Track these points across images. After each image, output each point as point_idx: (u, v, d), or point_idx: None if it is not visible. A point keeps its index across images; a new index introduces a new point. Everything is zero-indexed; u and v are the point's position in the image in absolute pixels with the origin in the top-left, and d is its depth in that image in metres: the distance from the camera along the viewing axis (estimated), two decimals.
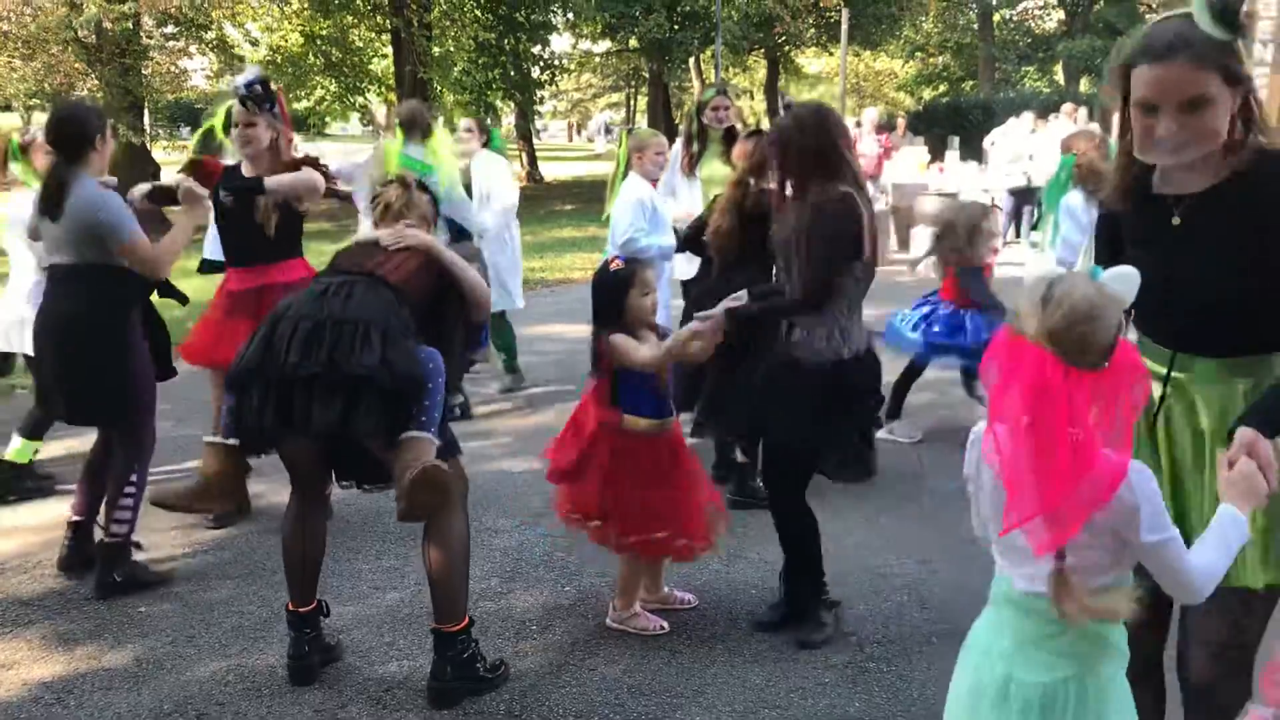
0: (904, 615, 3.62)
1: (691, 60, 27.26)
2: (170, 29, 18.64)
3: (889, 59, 38.45)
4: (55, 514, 4.47)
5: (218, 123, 4.51)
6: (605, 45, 29.67)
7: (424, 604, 3.31)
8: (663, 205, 5.17)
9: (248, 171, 4.29)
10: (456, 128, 6.78)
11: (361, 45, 22.55)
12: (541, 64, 23.81)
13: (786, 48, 28.79)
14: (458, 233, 5.81)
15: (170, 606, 3.76)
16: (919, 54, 35.59)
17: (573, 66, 29.83)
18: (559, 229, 16.38)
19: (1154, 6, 29.52)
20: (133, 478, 3.85)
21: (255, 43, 21.33)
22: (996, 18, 33.06)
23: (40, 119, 4.64)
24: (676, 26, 23.48)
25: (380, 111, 28.61)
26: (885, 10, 26.18)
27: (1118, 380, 1.71)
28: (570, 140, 57.40)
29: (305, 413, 2.76)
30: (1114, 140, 2.26)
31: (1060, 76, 32.08)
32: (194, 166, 4.33)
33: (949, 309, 5.41)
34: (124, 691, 3.18)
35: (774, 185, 3.45)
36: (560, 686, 3.17)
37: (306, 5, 20.39)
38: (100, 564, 3.85)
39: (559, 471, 3.47)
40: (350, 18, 21.16)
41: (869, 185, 4.18)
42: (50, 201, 3.74)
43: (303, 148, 4.70)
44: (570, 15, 23.61)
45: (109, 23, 15.75)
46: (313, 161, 4.44)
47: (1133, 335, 2.12)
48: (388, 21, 20.48)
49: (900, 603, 3.72)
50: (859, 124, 13.59)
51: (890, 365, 3.87)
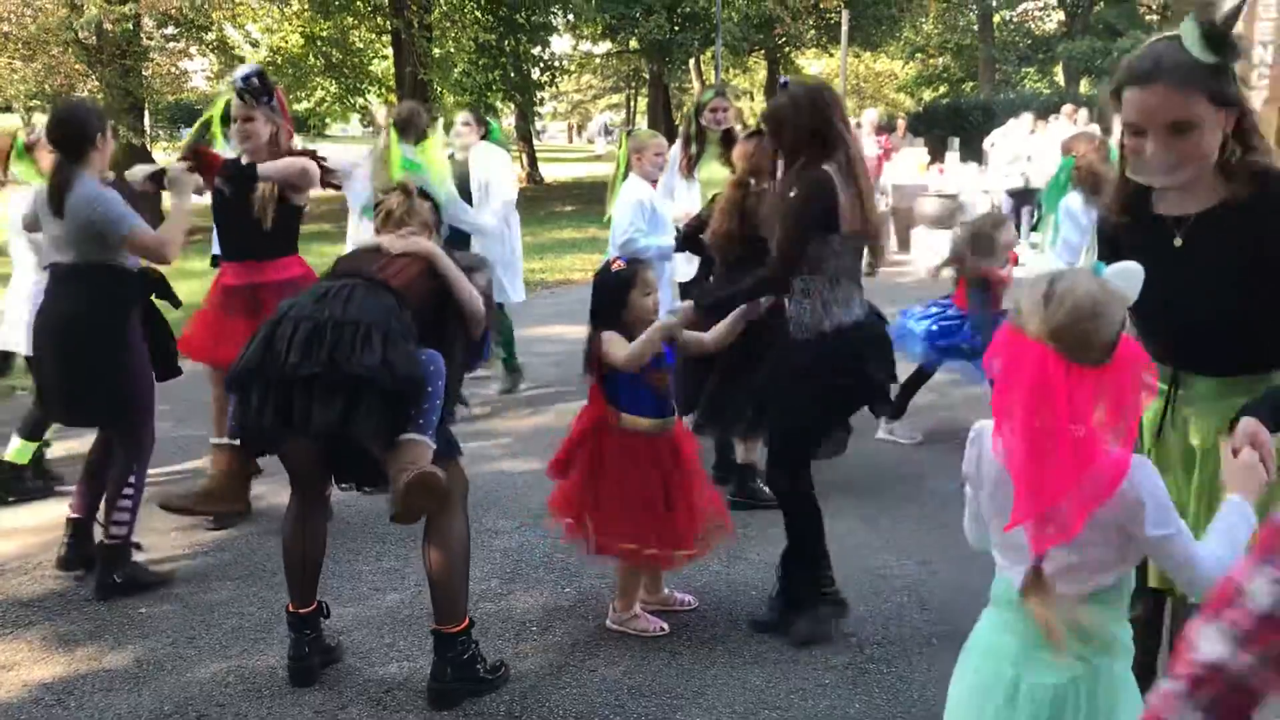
0: (904, 616, 3.62)
1: (692, 61, 27.26)
2: (170, 30, 18.67)
3: (889, 60, 38.46)
4: (55, 515, 4.47)
5: (216, 112, 4.51)
6: (605, 46, 29.69)
7: (424, 605, 3.31)
8: (662, 206, 5.17)
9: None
10: (454, 123, 6.77)
11: (362, 46, 22.57)
12: (542, 65, 23.82)
13: (787, 49, 28.78)
14: (453, 234, 5.78)
15: (171, 608, 3.76)
16: (919, 55, 35.60)
17: (573, 68, 29.83)
18: (559, 230, 16.38)
19: (1154, 7, 29.58)
20: (131, 479, 3.85)
21: (255, 44, 21.35)
22: (996, 19, 33.07)
23: (41, 120, 4.66)
24: (677, 28, 23.48)
25: (380, 113, 28.58)
26: (885, 11, 26.18)
27: (1121, 376, 1.71)
28: (570, 141, 57.41)
29: (305, 413, 2.77)
30: (1114, 143, 2.27)
31: (1060, 78, 32.08)
32: (195, 156, 4.33)
33: (958, 315, 5.40)
34: (124, 692, 3.18)
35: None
36: (560, 688, 3.17)
37: (307, 6, 20.40)
38: (100, 565, 3.85)
39: (552, 465, 3.51)
40: (350, 19, 21.18)
41: None
42: (54, 200, 3.76)
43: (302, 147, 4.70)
44: (570, 16, 23.61)
45: (109, 24, 15.77)
46: (310, 153, 4.45)
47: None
48: (388, 23, 20.49)
49: (900, 604, 3.72)
50: (858, 125, 13.58)
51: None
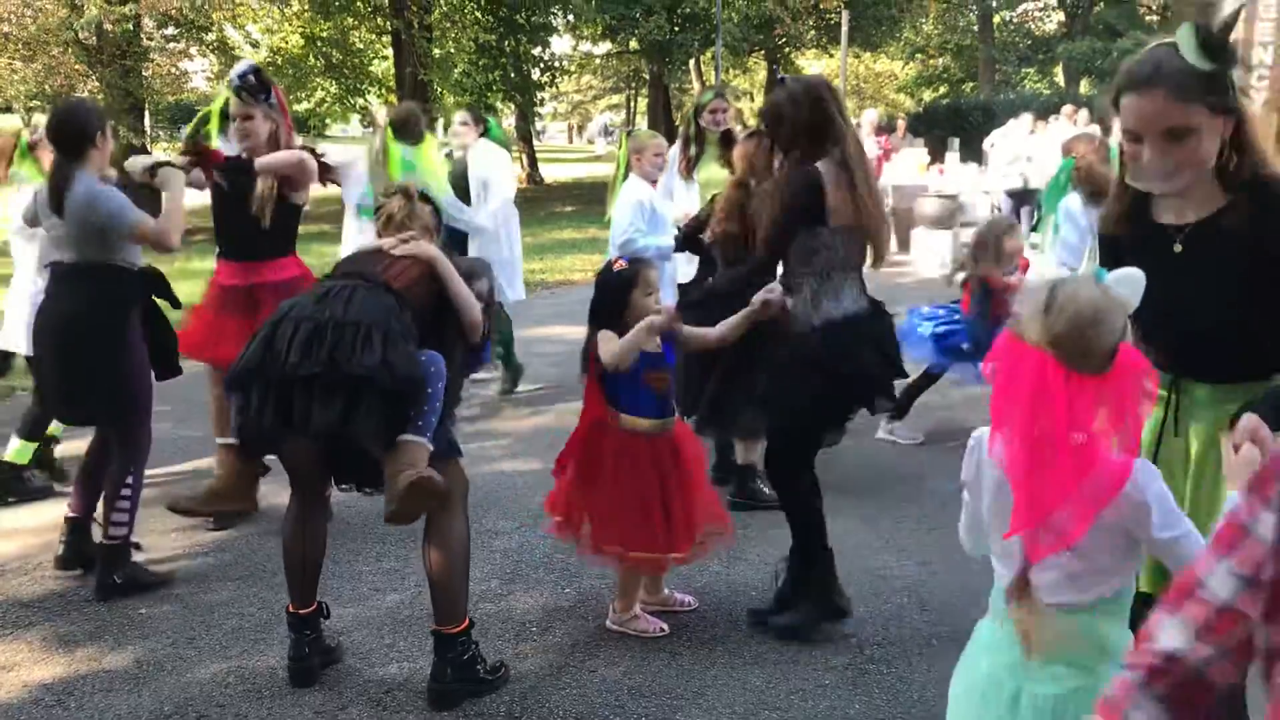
0: (904, 617, 3.62)
1: (692, 62, 27.26)
2: (171, 31, 18.71)
3: (889, 61, 38.46)
4: (55, 515, 4.45)
5: (215, 108, 4.51)
6: (605, 47, 29.69)
7: (424, 606, 3.31)
8: (662, 206, 5.18)
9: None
10: (452, 122, 6.75)
11: (362, 47, 22.58)
12: (542, 66, 23.84)
13: (787, 49, 28.78)
14: (449, 234, 5.76)
15: (171, 608, 3.76)
16: (919, 56, 35.61)
17: (573, 68, 29.83)
18: (559, 231, 16.39)
19: (1154, 8, 29.58)
20: (129, 479, 3.84)
21: (256, 44, 21.36)
22: (996, 19, 33.08)
23: (42, 120, 4.66)
24: (677, 28, 23.49)
25: (381, 113, 28.57)
26: (885, 12, 26.20)
27: (1122, 383, 1.71)
28: (570, 142, 57.42)
29: (305, 413, 2.77)
30: (1114, 144, 2.27)
31: (1060, 78, 32.09)
32: (195, 151, 4.32)
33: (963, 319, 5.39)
34: (124, 693, 3.18)
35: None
36: (560, 688, 3.17)
37: (307, 7, 20.41)
38: (100, 566, 3.85)
39: (558, 465, 3.53)
40: (351, 19, 21.19)
41: None
42: (53, 198, 3.77)
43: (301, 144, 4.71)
44: (570, 17, 23.62)
45: (109, 24, 15.80)
46: (308, 150, 4.46)
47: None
48: (388, 23, 20.50)
49: (900, 604, 3.72)
50: (858, 125, 13.59)
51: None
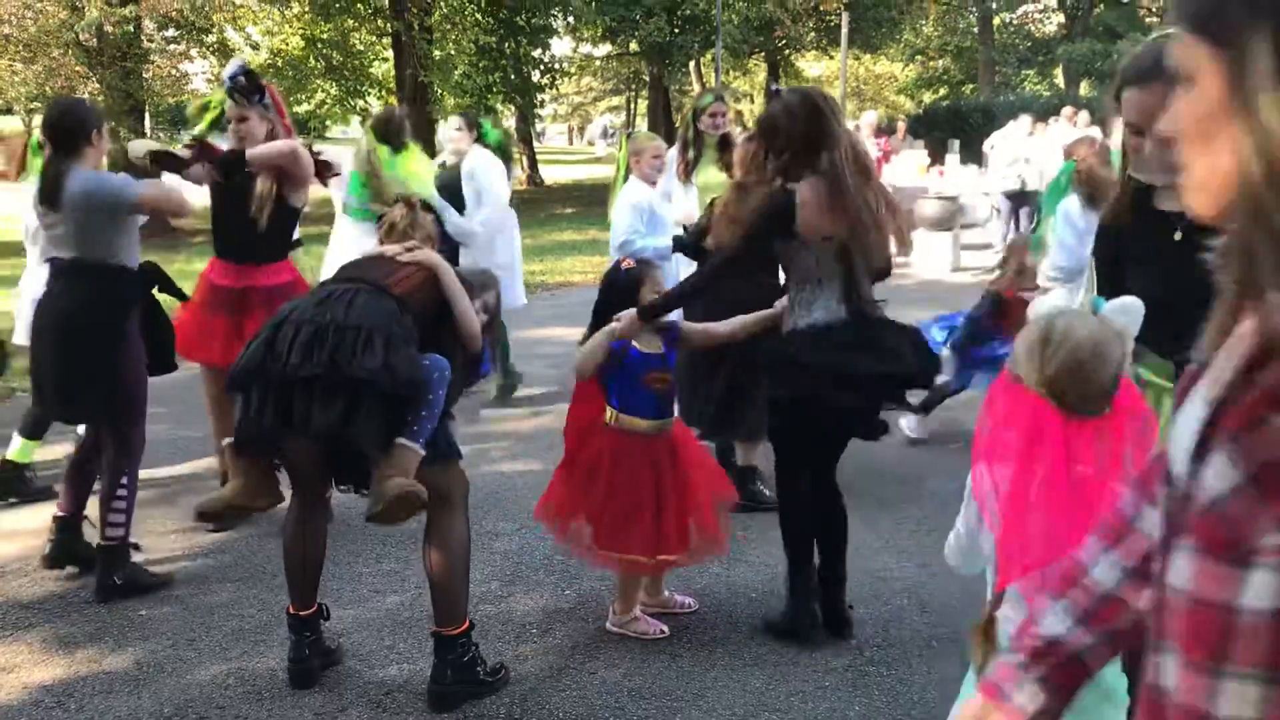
0: (904, 619, 3.62)
1: (692, 64, 27.27)
2: (171, 32, 18.72)
3: (889, 62, 38.48)
4: None
5: (214, 100, 4.53)
6: (605, 49, 29.71)
7: (424, 607, 3.31)
8: (661, 207, 5.19)
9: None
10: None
11: (362, 49, 22.58)
12: (542, 68, 23.84)
13: (787, 51, 28.81)
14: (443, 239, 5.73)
15: (170, 610, 3.76)
16: (919, 57, 35.64)
17: (573, 70, 29.85)
18: (559, 232, 16.39)
19: (1154, 9, 29.59)
20: (124, 479, 3.84)
21: (256, 46, 21.37)
22: (996, 21, 33.11)
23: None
24: (677, 30, 23.50)
25: (404, 116, 28.54)
26: (885, 14, 26.22)
27: (1121, 424, 1.67)
28: (570, 143, 57.46)
29: (305, 414, 2.78)
30: (1114, 146, 2.28)
31: (1060, 80, 32.12)
32: (198, 147, 4.33)
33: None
34: (124, 695, 3.18)
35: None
36: (560, 690, 3.17)
37: (307, 9, 20.41)
38: (100, 567, 3.85)
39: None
40: (351, 21, 21.18)
41: None
42: (49, 194, 3.76)
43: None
44: (571, 19, 23.63)
45: (110, 26, 15.81)
46: (306, 146, 4.46)
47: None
48: (388, 25, 20.50)
49: (900, 606, 3.72)
50: (857, 127, 13.61)
51: None
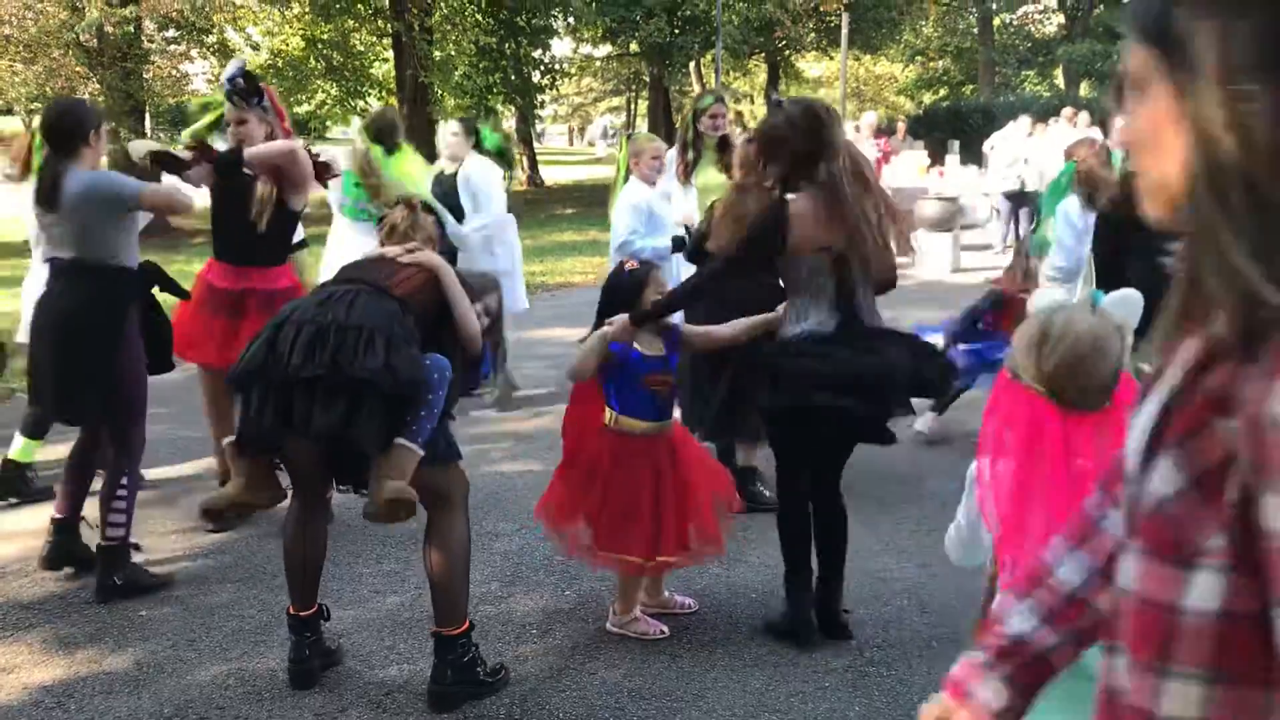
0: (904, 619, 3.62)
1: (692, 64, 27.29)
2: (171, 33, 18.70)
3: (889, 63, 38.50)
4: None
5: (214, 114, 4.53)
6: (606, 49, 29.72)
7: (424, 608, 3.31)
8: (660, 208, 5.20)
9: (249, 170, 4.29)
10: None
11: (362, 49, 22.58)
12: (542, 68, 23.84)
13: (787, 52, 28.82)
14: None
15: (171, 610, 3.76)
16: (919, 58, 35.65)
17: (573, 71, 29.86)
18: (559, 233, 16.39)
19: None
20: (124, 479, 3.84)
21: (256, 47, 21.37)
22: (996, 22, 33.10)
23: None
24: (677, 31, 23.52)
25: (397, 117, 28.53)
26: (885, 15, 26.24)
27: (1121, 419, 1.63)
28: (571, 144, 57.49)
29: (306, 415, 2.78)
30: (1115, 146, 2.28)
31: (1060, 81, 32.11)
32: (199, 148, 4.33)
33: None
34: (124, 695, 3.18)
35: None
36: (560, 690, 3.17)
37: (307, 9, 20.41)
38: (100, 567, 3.85)
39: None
40: (351, 22, 21.19)
41: None
42: (46, 194, 3.76)
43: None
44: (571, 20, 23.65)
45: (110, 26, 15.80)
46: (304, 149, 4.47)
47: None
48: (389, 26, 20.50)
49: (900, 607, 3.72)
50: (857, 129, 13.61)
51: None
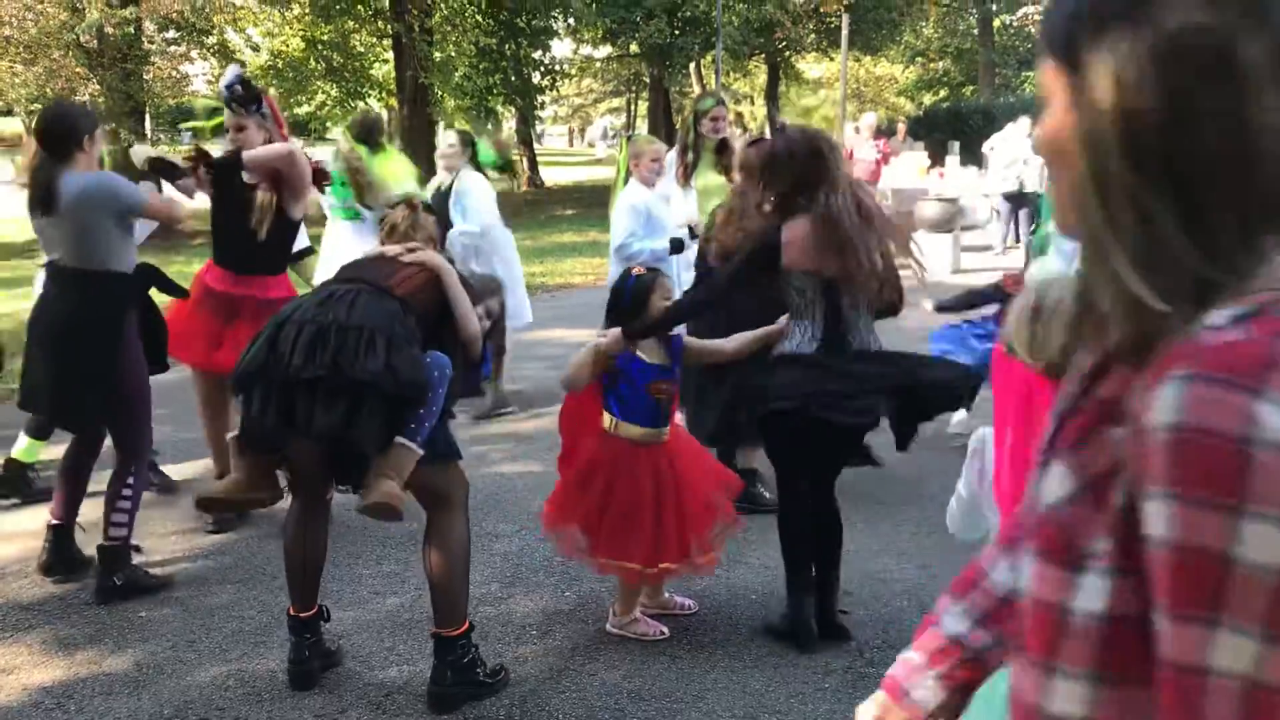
0: (904, 620, 3.62)
1: (692, 65, 27.30)
2: (171, 34, 18.72)
3: (889, 64, 38.50)
4: None
5: (219, 119, 4.54)
6: (606, 50, 29.74)
7: (424, 609, 3.31)
8: (659, 209, 5.20)
9: (249, 177, 4.29)
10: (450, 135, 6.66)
11: (363, 50, 22.59)
12: (542, 69, 23.86)
13: (787, 53, 28.82)
14: None
15: (170, 611, 3.76)
16: (919, 59, 35.67)
17: (574, 72, 29.88)
18: (559, 234, 16.40)
19: None
20: (130, 479, 3.85)
21: (256, 48, 21.40)
22: (997, 23, 33.11)
23: None
24: (677, 32, 23.53)
25: (381, 117, 28.53)
26: (886, 16, 26.23)
27: None
28: (571, 145, 57.55)
29: (308, 416, 2.78)
30: None
31: None
32: (199, 156, 4.34)
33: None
34: (124, 696, 3.18)
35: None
36: (560, 691, 3.17)
37: (308, 10, 20.42)
38: (100, 567, 3.84)
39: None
40: (351, 23, 21.20)
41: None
42: (40, 198, 3.76)
43: None
44: (571, 21, 23.66)
45: (110, 27, 15.81)
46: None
47: None
48: (389, 27, 20.52)
49: (900, 608, 3.72)
50: (857, 130, 13.61)
51: None
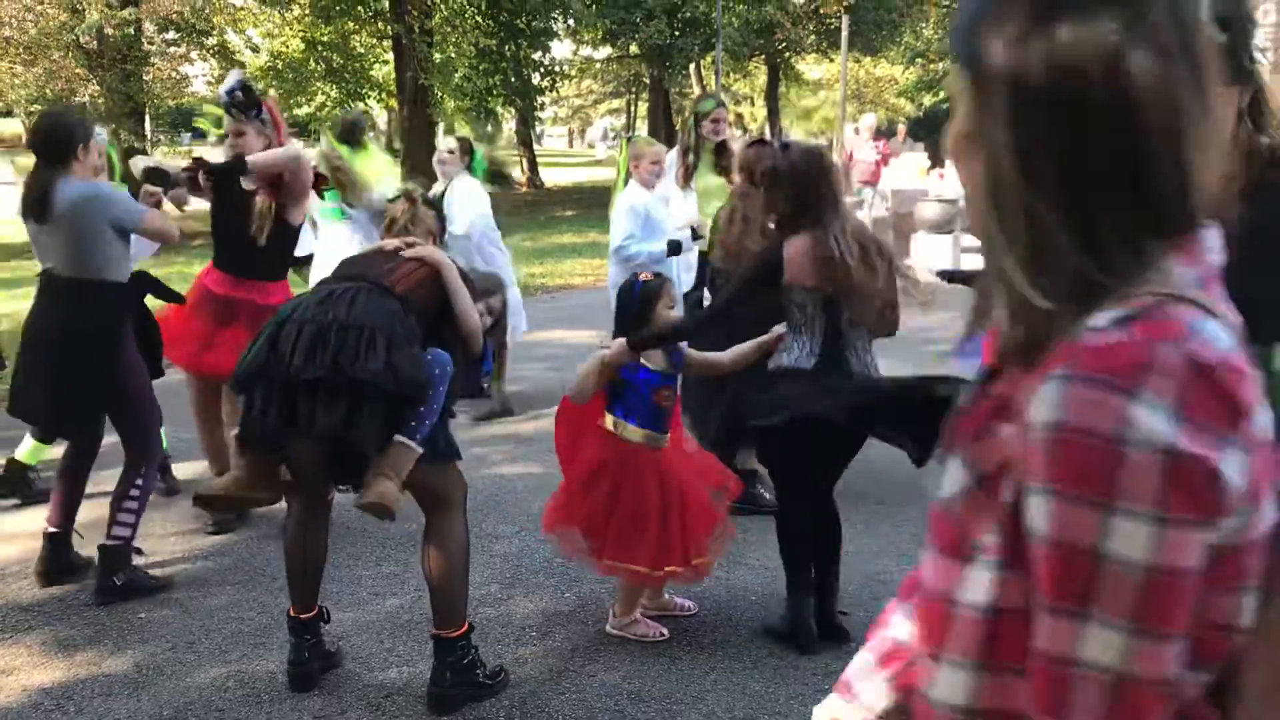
0: None
1: (692, 66, 27.30)
2: (171, 35, 18.76)
3: (890, 65, 38.45)
4: None
5: (215, 112, 4.56)
6: (606, 51, 29.74)
7: (424, 610, 3.31)
8: (658, 211, 5.20)
9: (248, 183, 4.28)
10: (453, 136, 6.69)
11: (363, 51, 22.62)
12: (542, 70, 23.87)
13: (787, 54, 28.81)
14: None
15: (170, 612, 3.76)
16: (919, 60, 35.61)
17: (573, 73, 29.89)
18: (559, 235, 16.41)
19: None
20: (139, 481, 3.86)
21: (256, 49, 21.43)
22: None
23: None
24: (677, 33, 23.53)
25: (381, 118, 28.60)
26: (886, 17, 26.21)
27: None
28: (570, 146, 57.57)
29: (309, 416, 2.78)
30: None
31: None
32: (199, 164, 4.35)
33: None
34: (124, 697, 3.18)
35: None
36: (560, 693, 3.17)
37: (308, 11, 20.44)
38: (100, 568, 3.84)
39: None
40: (351, 24, 21.22)
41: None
42: (34, 205, 3.75)
43: None
44: (571, 21, 23.68)
45: (110, 28, 15.84)
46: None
47: None
48: (389, 28, 20.53)
49: None
50: (857, 130, 13.62)
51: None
